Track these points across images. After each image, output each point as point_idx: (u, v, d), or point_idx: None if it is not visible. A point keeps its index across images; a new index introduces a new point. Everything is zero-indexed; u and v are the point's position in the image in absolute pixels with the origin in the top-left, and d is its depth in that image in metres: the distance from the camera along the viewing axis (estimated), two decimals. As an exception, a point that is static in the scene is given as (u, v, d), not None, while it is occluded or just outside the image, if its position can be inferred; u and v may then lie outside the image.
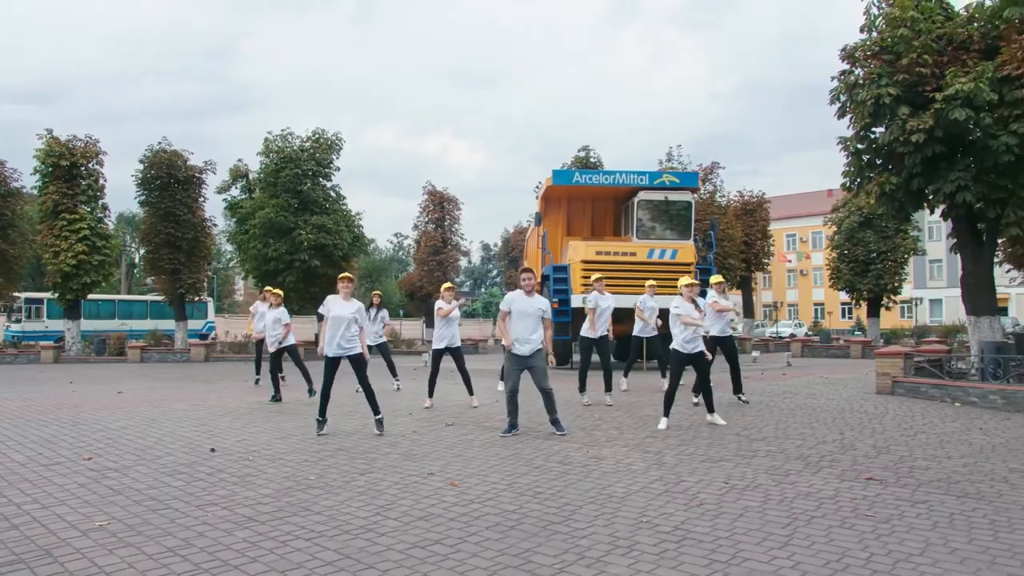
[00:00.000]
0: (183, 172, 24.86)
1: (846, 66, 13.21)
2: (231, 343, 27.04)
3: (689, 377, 10.42)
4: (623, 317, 17.34)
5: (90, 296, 25.32)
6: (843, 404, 10.48)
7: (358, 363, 8.27)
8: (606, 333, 10.98)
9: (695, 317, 8.47)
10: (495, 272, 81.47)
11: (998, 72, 11.09)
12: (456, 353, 10.67)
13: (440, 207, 37.38)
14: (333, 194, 26.85)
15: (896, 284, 30.18)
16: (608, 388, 10.81)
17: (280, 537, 4.36)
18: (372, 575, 3.75)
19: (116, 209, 53.77)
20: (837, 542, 4.24)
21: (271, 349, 11.84)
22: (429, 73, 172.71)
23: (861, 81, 12.36)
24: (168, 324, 29.51)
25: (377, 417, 8.14)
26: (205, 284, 27.40)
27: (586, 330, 10.87)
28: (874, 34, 12.53)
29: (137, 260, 57.97)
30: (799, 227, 66.02)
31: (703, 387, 8.83)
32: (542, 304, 8.08)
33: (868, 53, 12.57)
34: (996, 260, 17.55)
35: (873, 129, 13.04)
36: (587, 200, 20.30)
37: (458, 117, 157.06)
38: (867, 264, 30.15)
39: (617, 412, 9.76)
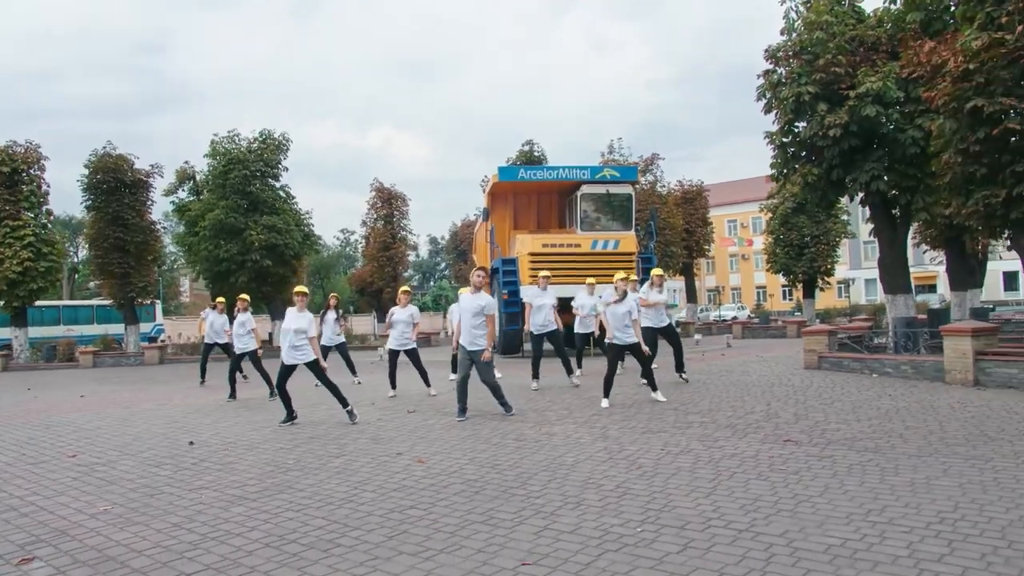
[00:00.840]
0: (130, 176, 24.70)
1: (770, 66, 14.22)
2: (183, 345, 27.00)
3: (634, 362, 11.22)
4: (563, 308, 18.18)
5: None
6: (773, 379, 11.43)
7: (314, 368, 8.85)
8: (554, 326, 11.64)
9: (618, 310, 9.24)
10: (443, 265, 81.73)
11: (901, 72, 12.15)
12: (411, 354, 11.16)
13: (388, 203, 37.73)
14: (282, 194, 26.98)
15: (829, 266, 31.78)
16: (569, 371, 11.53)
17: (271, 511, 4.94)
18: (358, 534, 4.37)
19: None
20: (753, 491, 5.02)
21: (237, 351, 12.26)
22: (368, 66, 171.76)
23: (783, 80, 13.33)
24: (116, 328, 29.23)
25: (347, 408, 8.72)
26: (154, 287, 27.21)
27: (532, 324, 11.52)
28: (794, 36, 13.52)
29: (78, 265, 56.61)
30: (740, 213, 68.03)
31: (644, 372, 9.60)
32: (483, 301, 8.71)
33: (789, 53, 13.57)
34: (914, 242, 18.92)
35: (796, 124, 14.07)
36: (532, 194, 21.02)
37: (399, 109, 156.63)
38: (801, 248, 31.66)
39: (566, 395, 10.49)
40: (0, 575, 3.98)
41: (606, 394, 9.22)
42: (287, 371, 8.76)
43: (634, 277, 9.43)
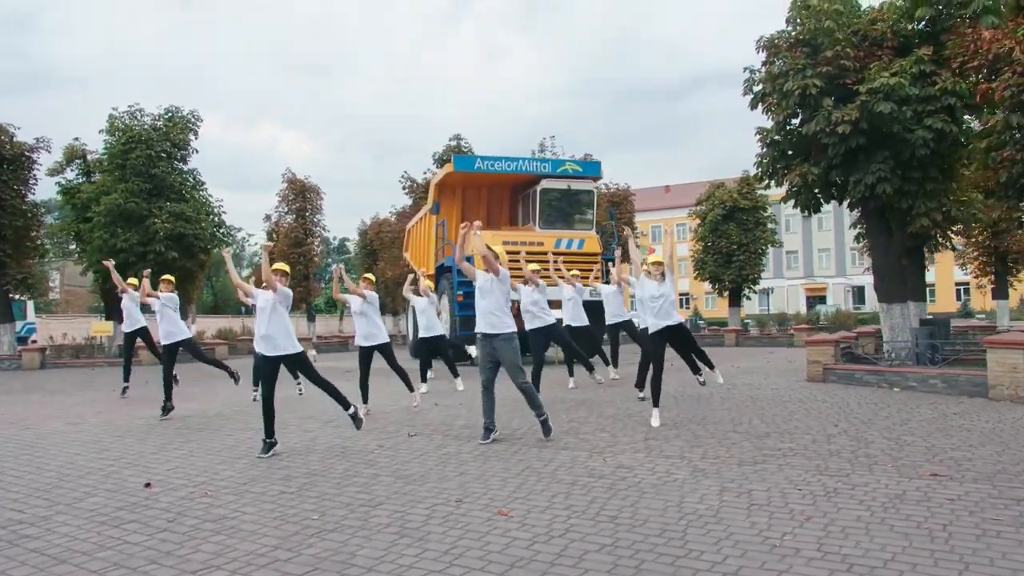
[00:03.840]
0: (9, 149, 21.21)
1: (762, 56, 13.38)
2: (63, 347, 23.65)
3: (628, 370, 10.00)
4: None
5: None
6: (789, 394, 10.45)
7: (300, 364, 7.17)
8: (552, 320, 10.52)
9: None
10: (343, 264, 78.32)
11: (914, 68, 11.52)
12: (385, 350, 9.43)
13: (301, 196, 35.03)
14: (191, 179, 24.09)
15: (756, 275, 31.91)
16: (589, 369, 11.79)
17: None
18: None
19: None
20: (999, 547, 3.76)
21: (164, 342, 10.02)
22: (256, 60, 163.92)
23: (786, 71, 12.46)
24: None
25: (350, 412, 7.21)
26: (35, 281, 23.54)
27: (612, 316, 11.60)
28: (797, 25, 12.70)
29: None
30: (665, 219, 68.46)
31: (696, 353, 8.46)
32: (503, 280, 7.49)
33: (789, 43, 12.74)
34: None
35: (790, 120, 13.28)
36: (483, 188, 19.50)
37: (287, 107, 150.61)
38: (730, 256, 31.62)
39: (580, 410, 9.08)
40: None
41: (656, 403, 7.89)
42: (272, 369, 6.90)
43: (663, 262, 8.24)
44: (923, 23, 12.16)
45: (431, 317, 11.52)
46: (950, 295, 59.20)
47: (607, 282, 17.16)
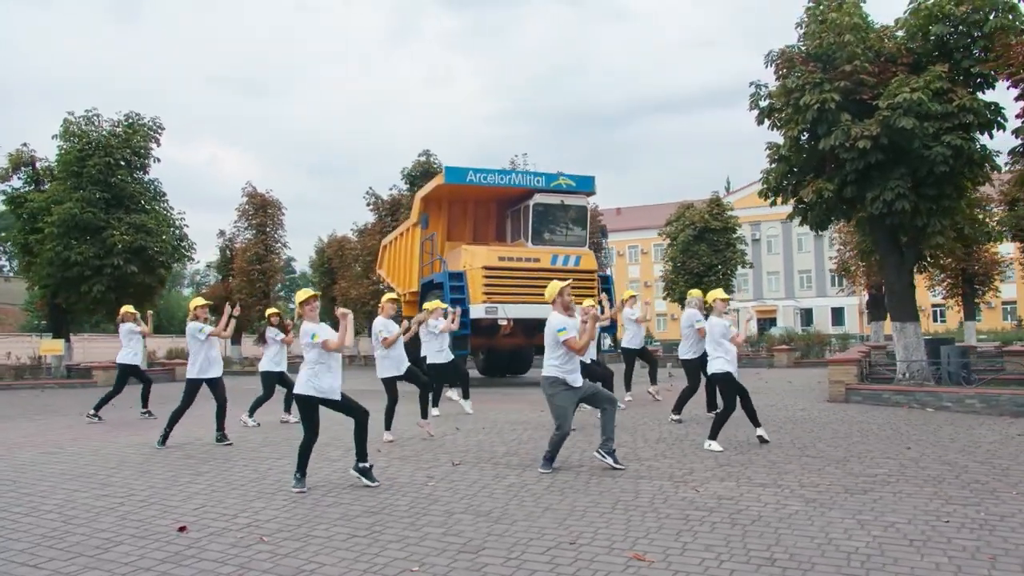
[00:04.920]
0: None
1: (770, 71, 13.19)
2: (16, 367, 21.91)
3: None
4: (526, 330, 16.12)
5: None
6: (824, 414, 10.05)
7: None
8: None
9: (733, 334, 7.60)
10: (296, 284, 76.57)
11: (1001, 75, 11.30)
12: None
13: (262, 211, 33.64)
14: (152, 190, 22.74)
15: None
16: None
17: None
18: None
19: None
20: None
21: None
22: (193, 77, 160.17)
23: (801, 85, 12.22)
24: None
25: (360, 466, 6.10)
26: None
27: (627, 341, 10.99)
28: (810, 40, 12.51)
29: None
30: (641, 239, 68.53)
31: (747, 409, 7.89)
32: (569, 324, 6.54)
33: (802, 57, 12.54)
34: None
35: (800, 136, 13.04)
36: (469, 203, 18.83)
37: (225, 125, 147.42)
38: (700, 276, 31.57)
39: (623, 435, 8.44)
40: None
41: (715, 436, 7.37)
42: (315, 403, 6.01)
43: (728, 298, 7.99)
44: (932, 40, 12.03)
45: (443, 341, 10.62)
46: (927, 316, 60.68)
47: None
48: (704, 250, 31.45)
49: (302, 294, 6.29)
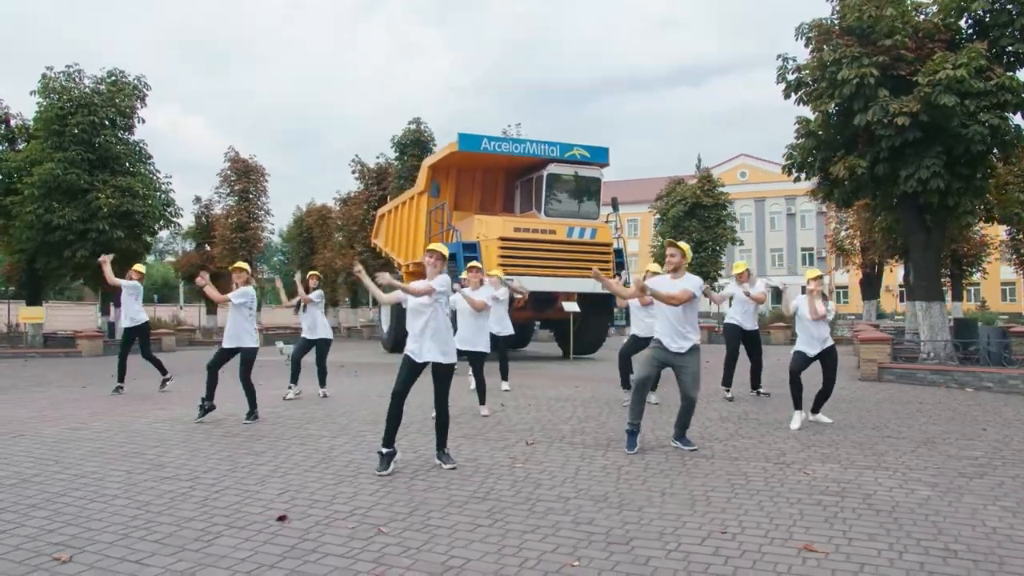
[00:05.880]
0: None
1: (800, 44, 12.93)
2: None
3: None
4: (544, 303, 15.79)
5: None
6: (868, 394, 9.94)
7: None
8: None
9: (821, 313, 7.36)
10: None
11: (977, 61, 11.21)
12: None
13: (245, 177, 32.57)
14: (137, 151, 21.74)
15: (716, 272, 31.97)
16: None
17: None
18: None
19: None
20: None
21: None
22: (152, 41, 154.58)
23: (838, 59, 11.95)
24: None
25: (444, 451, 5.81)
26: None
27: (730, 317, 9.80)
28: (846, 14, 12.22)
29: None
30: (640, 212, 68.01)
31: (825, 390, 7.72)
32: (690, 285, 6.19)
33: (838, 30, 12.28)
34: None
35: (829, 111, 12.82)
36: (477, 172, 18.32)
37: (188, 92, 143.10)
38: (692, 252, 31.51)
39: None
40: None
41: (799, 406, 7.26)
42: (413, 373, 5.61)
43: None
44: (968, 19, 11.85)
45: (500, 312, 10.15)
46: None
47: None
48: (695, 226, 31.36)
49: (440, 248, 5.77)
